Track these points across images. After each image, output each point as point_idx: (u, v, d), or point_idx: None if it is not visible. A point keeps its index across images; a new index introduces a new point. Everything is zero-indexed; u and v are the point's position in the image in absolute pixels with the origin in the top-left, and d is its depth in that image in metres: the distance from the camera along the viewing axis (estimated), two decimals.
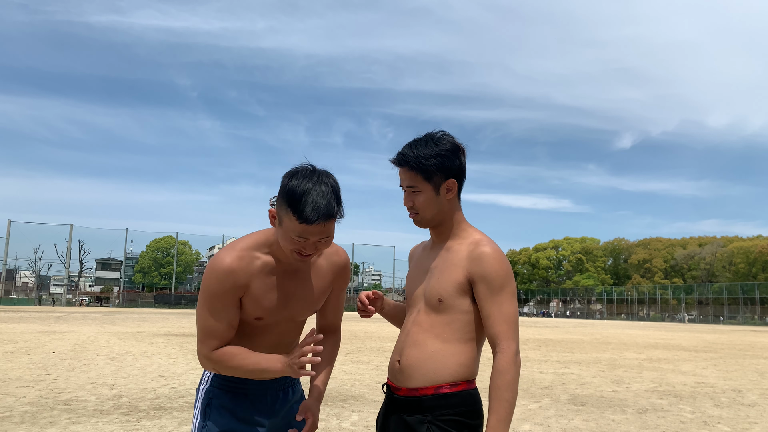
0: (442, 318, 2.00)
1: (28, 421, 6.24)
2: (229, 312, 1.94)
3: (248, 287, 1.95)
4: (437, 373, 1.96)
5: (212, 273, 1.91)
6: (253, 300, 1.96)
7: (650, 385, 10.25)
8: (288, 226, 1.85)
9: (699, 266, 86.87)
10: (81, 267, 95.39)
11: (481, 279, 1.95)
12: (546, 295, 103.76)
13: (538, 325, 44.98)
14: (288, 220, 1.84)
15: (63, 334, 20.00)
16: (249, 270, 1.94)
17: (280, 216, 1.89)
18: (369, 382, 9.88)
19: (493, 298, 1.94)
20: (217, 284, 1.91)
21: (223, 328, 1.95)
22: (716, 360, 16.15)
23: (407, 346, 2.03)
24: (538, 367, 12.93)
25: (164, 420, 6.45)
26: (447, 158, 2.02)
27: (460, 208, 2.12)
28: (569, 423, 6.82)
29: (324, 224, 1.83)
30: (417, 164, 2.00)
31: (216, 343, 1.95)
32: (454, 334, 1.98)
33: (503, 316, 1.93)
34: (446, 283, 2.00)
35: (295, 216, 1.81)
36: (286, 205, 1.84)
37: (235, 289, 1.92)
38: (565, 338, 25.59)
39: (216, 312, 1.93)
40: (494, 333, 1.93)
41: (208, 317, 1.94)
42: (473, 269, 1.97)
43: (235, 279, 1.91)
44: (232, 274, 1.91)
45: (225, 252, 1.95)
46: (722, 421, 7.12)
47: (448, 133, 2.08)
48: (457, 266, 2.00)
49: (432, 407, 1.93)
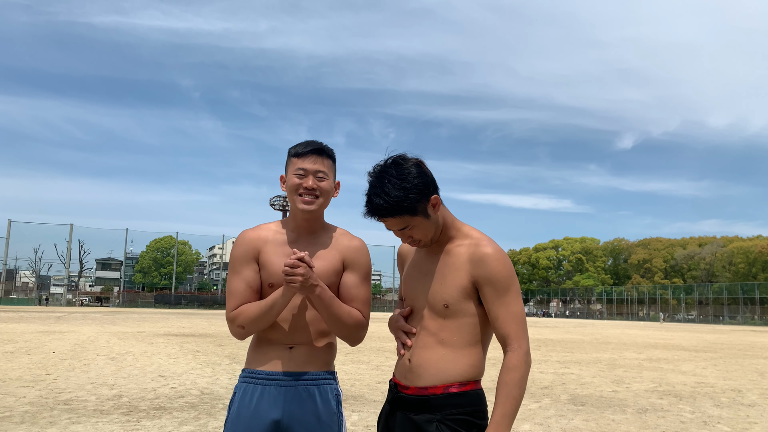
0: (450, 323, 2.00)
1: (28, 421, 6.24)
2: (246, 272, 2.17)
3: (261, 251, 2.20)
4: (447, 372, 1.97)
5: (237, 240, 2.24)
6: (265, 264, 2.18)
7: (650, 385, 10.25)
8: (289, 170, 2.21)
9: (699, 266, 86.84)
10: (81, 267, 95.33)
11: (487, 282, 1.95)
12: (546, 295, 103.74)
13: (538, 325, 44.96)
14: (289, 164, 2.22)
15: (63, 334, 20.00)
16: (262, 236, 2.23)
17: (285, 173, 2.25)
18: (369, 382, 9.88)
19: (500, 299, 1.94)
20: (236, 248, 2.22)
21: (242, 288, 2.15)
22: (716, 360, 16.15)
23: (417, 348, 2.04)
24: (538, 367, 12.93)
25: (164, 420, 6.45)
26: (419, 185, 1.98)
27: (448, 210, 2.13)
28: (569, 423, 6.82)
29: (317, 157, 2.19)
30: (399, 209, 1.97)
31: (236, 303, 2.15)
32: (464, 337, 2.00)
33: (512, 316, 1.94)
34: (451, 288, 2.00)
35: (292, 154, 2.21)
36: (288, 156, 2.24)
37: (250, 251, 2.19)
38: (565, 338, 25.58)
39: (236, 273, 2.18)
40: (505, 333, 1.94)
41: (231, 280, 2.19)
42: (477, 272, 1.97)
43: (250, 242, 2.20)
44: (247, 237, 2.22)
45: (246, 230, 2.27)
46: (722, 421, 7.12)
47: (400, 155, 2.03)
48: (460, 270, 2.00)
49: (441, 406, 1.94)
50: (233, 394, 2.20)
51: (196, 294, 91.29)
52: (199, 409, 7.13)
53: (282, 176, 2.28)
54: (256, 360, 2.19)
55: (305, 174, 2.19)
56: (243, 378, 2.20)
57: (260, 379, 2.15)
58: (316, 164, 2.19)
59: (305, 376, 2.17)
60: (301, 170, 2.18)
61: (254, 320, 2.11)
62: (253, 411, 2.11)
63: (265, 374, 2.16)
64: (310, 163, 2.18)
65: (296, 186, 2.19)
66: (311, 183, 2.18)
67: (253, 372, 2.17)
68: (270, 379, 2.14)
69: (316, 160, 2.19)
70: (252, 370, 2.18)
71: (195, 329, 25.50)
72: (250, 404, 2.12)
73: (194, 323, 31.70)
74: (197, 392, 8.39)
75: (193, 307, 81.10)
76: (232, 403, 2.17)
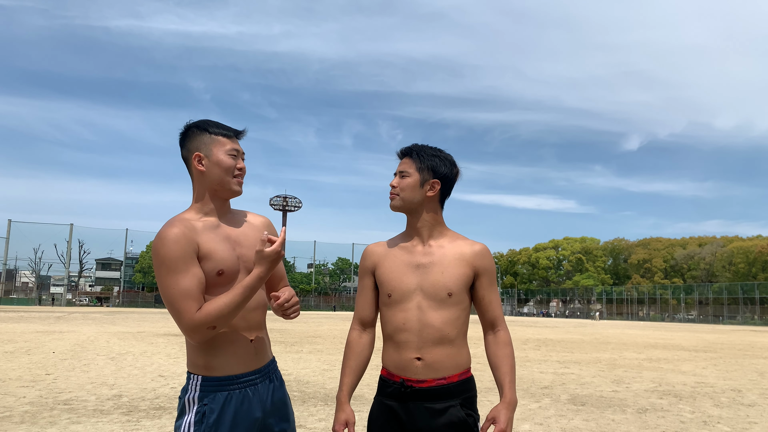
0: (450, 313, 2.24)
1: (28, 421, 6.24)
2: (194, 268, 1.99)
3: (199, 244, 2.03)
4: (458, 362, 2.26)
5: (166, 239, 1.98)
6: (208, 253, 2.03)
7: (650, 385, 10.25)
8: (216, 149, 2.11)
9: (699, 266, 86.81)
10: (81, 267, 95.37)
11: (485, 271, 2.31)
12: (546, 295, 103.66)
13: (538, 325, 44.96)
14: (213, 143, 2.11)
15: (63, 334, 20.00)
16: (195, 229, 2.05)
17: (205, 152, 2.11)
18: (368, 381, 9.88)
19: (491, 287, 2.33)
20: (174, 244, 1.97)
21: (195, 285, 1.96)
22: (716, 360, 16.15)
23: (428, 345, 2.22)
24: (538, 367, 12.93)
25: (164, 420, 6.45)
26: (442, 163, 2.33)
27: (441, 213, 2.37)
28: (569, 423, 6.82)
29: (238, 140, 2.17)
30: (416, 155, 2.33)
31: (195, 303, 1.95)
32: (462, 327, 2.29)
33: (498, 301, 2.35)
34: (454, 277, 2.24)
35: (216, 133, 2.13)
36: (202, 132, 2.13)
37: (190, 244, 2.00)
38: (565, 338, 25.58)
39: (183, 272, 1.96)
40: (496, 315, 2.34)
41: (179, 280, 1.95)
42: (479, 263, 2.29)
43: (188, 236, 2.00)
44: (183, 233, 2.00)
45: (166, 226, 2.04)
46: (722, 421, 7.12)
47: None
48: (462, 261, 2.27)
49: (459, 391, 2.23)
50: (200, 404, 2.01)
51: None
52: None
53: (198, 155, 2.11)
54: (223, 364, 2.05)
55: (238, 155, 2.15)
56: (212, 386, 2.03)
57: (236, 384, 2.05)
58: (240, 146, 2.18)
59: (268, 368, 2.18)
60: (234, 150, 2.13)
61: (228, 315, 1.95)
62: (238, 418, 2.03)
63: (237, 378, 2.05)
64: (238, 145, 2.17)
65: (231, 167, 2.11)
66: (242, 164, 2.16)
67: (225, 378, 2.04)
68: (243, 382, 2.07)
69: (238, 142, 2.18)
70: (223, 377, 2.04)
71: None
72: (232, 412, 2.02)
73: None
74: None
75: None
76: (206, 416, 1.99)
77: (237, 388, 2.06)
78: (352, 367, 2.33)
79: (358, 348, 2.35)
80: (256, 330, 2.15)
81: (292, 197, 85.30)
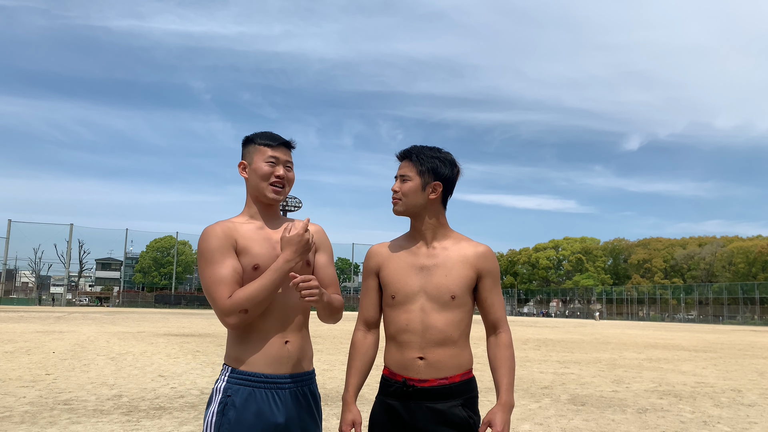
0: (453, 315, 2.24)
1: (28, 421, 6.24)
2: (230, 260, 2.12)
3: (237, 240, 2.16)
4: (460, 362, 2.26)
5: (207, 235, 2.16)
6: (244, 248, 2.15)
7: (650, 385, 10.26)
8: (258, 158, 2.22)
9: (699, 266, 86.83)
10: (81, 267, 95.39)
11: (488, 273, 2.30)
12: (546, 295, 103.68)
13: (538, 325, 44.96)
14: (256, 152, 2.23)
15: (63, 334, 20.00)
16: (231, 227, 2.19)
17: (248, 160, 2.25)
18: (368, 381, 9.86)
19: (495, 289, 2.32)
20: (213, 238, 2.13)
21: (229, 274, 2.09)
22: (716, 360, 16.15)
23: (430, 346, 2.22)
24: (538, 367, 12.93)
25: (164, 420, 6.45)
26: (442, 164, 2.31)
27: (444, 214, 2.36)
28: (569, 423, 6.82)
29: (285, 149, 2.26)
30: (416, 157, 2.30)
31: (228, 289, 2.07)
32: (465, 329, 2.29)
33: (501, 303, 2.35)
34: (458, 279, 2.25)
35: (260, 143, 2.24)
36: (249, 143, 2.26)
37: (228, 239, 2.14)
38: (565, 338, 25.58)
39: (220, 261, 2.10)
40: (498, 317, 2.33)
41: (214, 269, 2.09)
42: (482, 265, 2.28)
43: (226, 232, 2.15)
44: (222, 229, 2.16)
45: (209, 225, 2.21)
46: (722, 421, 7.12)
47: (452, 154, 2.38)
48: (465, 263, 2.27)
49: (461, 391, 2.24)
50: (224, 395, 2.08)
51: (196, 294, 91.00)
52: (199, 409, 7.13)
53: (242, 162, 2.28)
54: (252, 360, 2.09)
55: (276, 162, 2.23)
56: (238, 380, 2.09)
57: (262, 383, 2.08)
58: (285, 155, 2.26)
59: (303, 377, 2.18)
60: (273, 158, 2.22)
61: (258, 298, 2.05)
62: (257, 417, 2.04)
63: (266, 377, 2.09)
64: (281, 153, 2.25)
65: (268, 174, 2.21)
66: (282, 172, 2.23)
67: (252, 374, 2.08)
68: (271, 383, 2.09)
69: (285, 152, 2.27)
70: (250, 372, 2.08)
71: (195, 329, 25.49)
72: (253, 409, 2.04)
73: (194, 323, 31.69)
74: (197, 392, 8.40)
75: (193, 307, 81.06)
76: (228, 407, 2.05)
77: (262, 387, 2.07)
78: (357, 367, 2.33)
79: (363, 348, 2.36)
80: (293, 333, 2.17)
81: (292, 197, 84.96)
